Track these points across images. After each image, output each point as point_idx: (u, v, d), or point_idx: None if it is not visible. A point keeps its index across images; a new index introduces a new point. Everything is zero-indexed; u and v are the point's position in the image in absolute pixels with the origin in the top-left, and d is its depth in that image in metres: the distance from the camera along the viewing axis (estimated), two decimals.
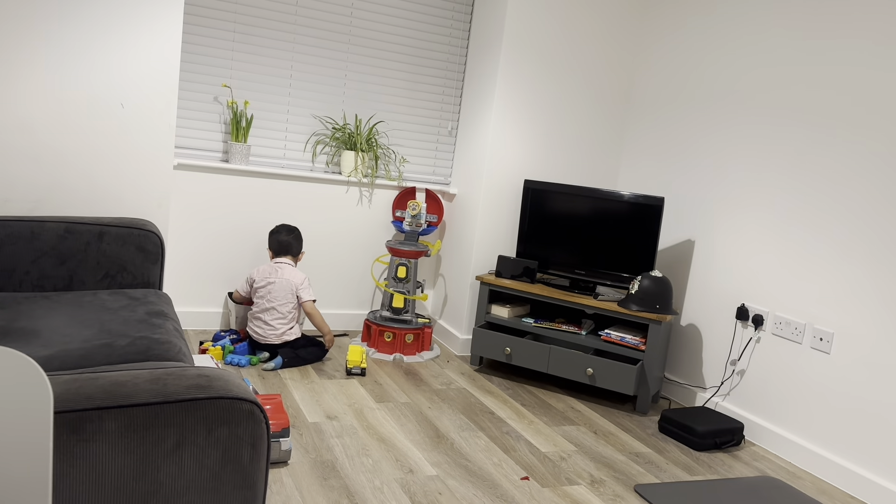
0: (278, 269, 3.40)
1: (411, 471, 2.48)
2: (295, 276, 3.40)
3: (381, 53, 3.92)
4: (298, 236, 3.52)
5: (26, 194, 2.89)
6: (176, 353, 2.11)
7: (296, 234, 3.51)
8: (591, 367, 3.29)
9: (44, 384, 0.97)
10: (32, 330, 2.12)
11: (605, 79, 3.97)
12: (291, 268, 3.43)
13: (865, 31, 2.81)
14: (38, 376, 0.96)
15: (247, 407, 1.36)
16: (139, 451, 1.28)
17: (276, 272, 3.39)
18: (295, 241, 3.50)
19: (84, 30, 2.88)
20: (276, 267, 3.41)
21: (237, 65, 3.63)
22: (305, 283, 3.43)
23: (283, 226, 3.53)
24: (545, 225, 3.69)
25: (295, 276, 3.41)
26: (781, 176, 3.12)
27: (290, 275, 3.39)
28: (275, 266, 3.42)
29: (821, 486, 2.80)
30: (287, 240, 3.47)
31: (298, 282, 3.40)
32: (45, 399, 0.97)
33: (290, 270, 3.41)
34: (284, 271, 3.39)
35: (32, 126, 2.86)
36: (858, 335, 2.78)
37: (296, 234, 3.51)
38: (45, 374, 0.95)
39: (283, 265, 3.42)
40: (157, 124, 3.06)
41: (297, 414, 2.83)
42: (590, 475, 2.62)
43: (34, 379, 0.96)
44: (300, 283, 3.40)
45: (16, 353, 0.94)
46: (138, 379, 1.34)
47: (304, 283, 3.42)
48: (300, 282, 3.41)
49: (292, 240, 3.49)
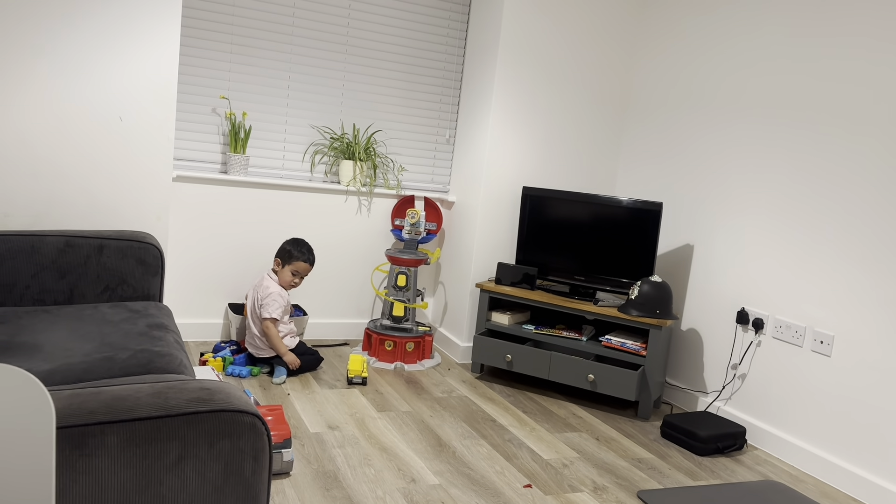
0: (262, 280, 3.39)
1: (413, 480, 2.48)
2: (264, 289, 3.34)
3: (378, 62, 3.93)
4: (298, 244, 3.43)
5: (26, 208, 2.90)
6: (177, 365, 2.11)
7: (294, 242, 3.43)
8: (593, 373, 3.29)
9: (46, 401, 0.97)
10: (34, 344, 2.12)
11: (602, 84, 3.98)
12: (270, 280, 3.38)
13: (864, 28, 2.82)
14: (40, 393, 0.97)
15: (248, 419, 1.36)
16: (141, 465, 1.28)
17: (259, 284, 3.38)
18: (293, 247, 3.40)
19: (82, 44, 2.89)
20: (262, 278, 3.40)
21: (235, 76, 3.65)
22: (269, 298, 3.29)
23: (295, 238, 3.47)
24: (544, 231, 3.69)
25: (266, 288, 3.34)
26: (780, 178, 3.13)
27: (262, 288, 3.35)
28: (262, 278, 3.41)
29: (824, 489, 2.79)
30: (284, 246, 3.43)
31: (263, 295, 3.31)
32: (47, 415, 0.98)
33: (267, 282, 3.37)
34: (262, 282, 3.37)
35: (31, 140, 2.87)
36: (859, 337, 2.78)
37: (296, 242, 3.43)
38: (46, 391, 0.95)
39: (266, 276, 3.40)
40: (156, 137, 3.07)
41: (299, 424, 2.83)
42: (592, 482, 2.62)
43: (36, 396, 0.97)
44: (263, 297, 3.30)
45: (18, 370, 0.95)
46: (140, 393, 1.35)
47: (269, 298, 3.29)
48: (264, 295, 3.31)
49: (287, 245, 3.42)
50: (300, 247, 3.43)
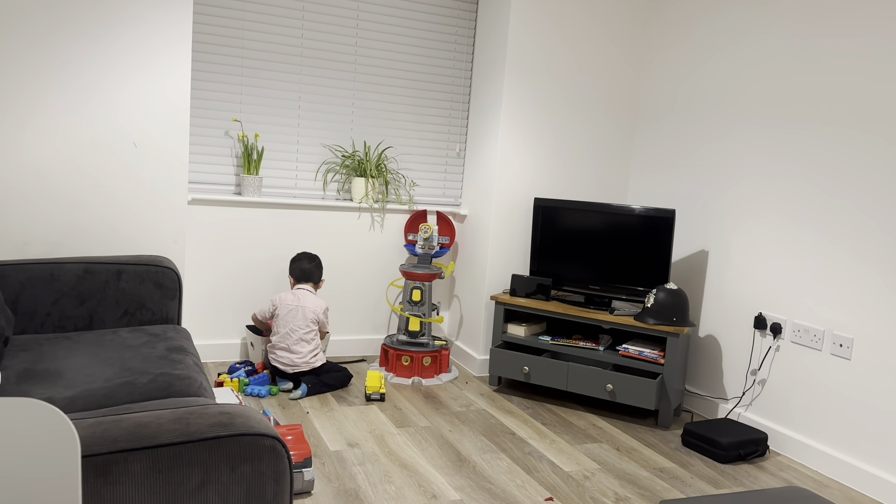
0: (300, 296, 3.45)
1: (434, 496, 2.48)
2: (317, 304, 3.45)
3: (387, 79, 3.96)
4: (319, 264, 3.59)
5: (45, 237, 2.94)
6: (197, 388, 2.13)
7: (317, 263, 3.58)
8: (611, 382, 3.28)
9: (70, 432, 0.99)
10: (55, 371, 2.15)
11: (611, 91, 3.99)
12: (312, 295, 3.48)
13: (871, 27, 2.81)
14: (65, 426, 0.99)
15: (268, 443, 1.37)
16: (165, 490, 1.29)
17: (299, 299, 3.43)
18: (316, 268, 3.57)
19: (94, 71, 2.94)
20: (299, 294, 3.46)
21: (246, 98, 3.69)
22: (328, 312, 3.52)
23: (305, 254, 3.59)
24: (557, 242, 3.69)
25: (317, 304, 3.45)
26: (792, 180, 3.12)
27: (311, 302, 3.43)
28: (297, 293, 3.46)
29: (849, 494, 2.76)
30: (309, 267, 3.54)
31: (321, 309, 3.46)
32: (72, 446, 0.99)
33: (312, 298, 3.45)
34: (307, 299, 3.44)
35: (48, 169, 2.92)
36: (878, 339, 2.76)
37: (317, 262, 3.58)
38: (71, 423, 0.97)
39: (304, 293, 3.47)
40: (170, 161, 3.11)
41: (319, 443, 2.84)
42: (614, 493, 2.61)
43: (61, 428, 0.98)
44: (322, 311, 3.47)
45: (42, 403, 0.97)
46: (161, 419, 1.36)
47: (327, 311, 3.50)
48: (322, 309, 3.47)
49: (313, 267, 3.56)
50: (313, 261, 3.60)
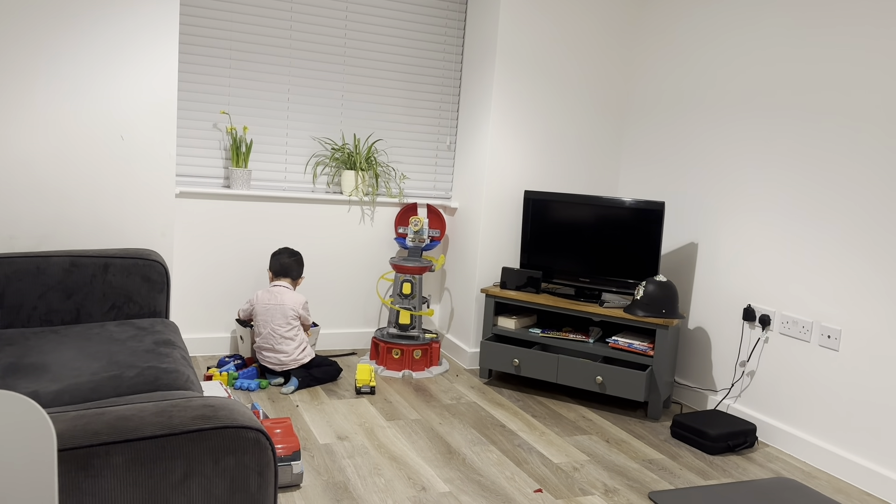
0: (277, 293, 3.40)
1: (424, 488, 2.48)
2: (295, 300, 3.40)
3: (377, 72, 3.95)
4: (300, 260, 3.55)
5: (31, 230, 2.92)
6: (184, 381, 2.12)
7: (297, 259, 3.54)
8: (601, 374, 3.28)
9: (46, 425, 0.98)
10: (42, 365, 2.14)
11: (601, 84, 3.98)
12: (290, 291, 3.44)
13: (864, 17, 2.81)
14: (40, 418, 0.98)
15: (252, 435, 1.37)
16: (147, 483, 1.29)
17: (276, 297, 3.39)
18: (296, 264, 3.52)
19: (80, 64, 2.92)
20: (276, 292, 3.41)
21: (235, 91, 3.67)
22: (307, 305, 3.47)
23: (286, 249, 3.55)
24: (547, 235, 3.69)
25: (295, 299, 3.41)
26: (781, 173, 3.12)
27: (289, 299, 3.38)
28: (273, 291, 3.41)
29: (837, 484, 2.78)
30: (288, 262, 3.50)
31: (299, 305, 3.41)
32: (48, 439, 0.98)
33: (290, 294, 3.41)
34: (284, 296, 3.39)
35: (34, 162, 2.90)
36: (866, 331, 2.77)
37: (297, 258, 3.54)
38: (47, 416, 0.96)
39: (281, 289, 3.42)
40: (158, 154, 3.09)
41: (308, 436, 2.84)
42: (603, 484, 2.61)
43: (37, 420, 0.98)
44: (300, 306, 3.42)
45: (17, 395, 0.96)
46: (144, 412, 1.36)
47: (306, 305, 3.45)
48: (301, 304, 3.42)
49: (293, 263, 3.51)
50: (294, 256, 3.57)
